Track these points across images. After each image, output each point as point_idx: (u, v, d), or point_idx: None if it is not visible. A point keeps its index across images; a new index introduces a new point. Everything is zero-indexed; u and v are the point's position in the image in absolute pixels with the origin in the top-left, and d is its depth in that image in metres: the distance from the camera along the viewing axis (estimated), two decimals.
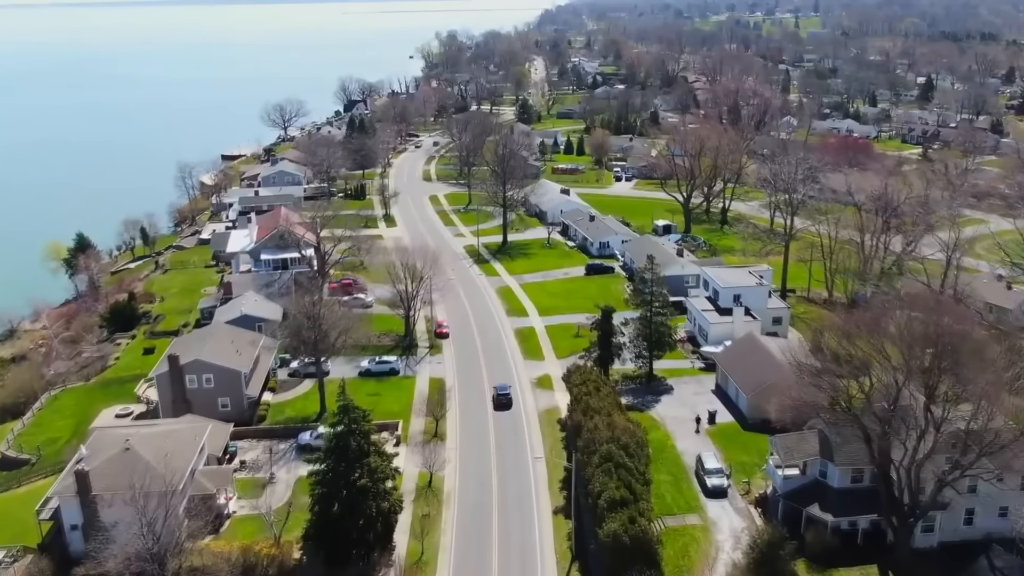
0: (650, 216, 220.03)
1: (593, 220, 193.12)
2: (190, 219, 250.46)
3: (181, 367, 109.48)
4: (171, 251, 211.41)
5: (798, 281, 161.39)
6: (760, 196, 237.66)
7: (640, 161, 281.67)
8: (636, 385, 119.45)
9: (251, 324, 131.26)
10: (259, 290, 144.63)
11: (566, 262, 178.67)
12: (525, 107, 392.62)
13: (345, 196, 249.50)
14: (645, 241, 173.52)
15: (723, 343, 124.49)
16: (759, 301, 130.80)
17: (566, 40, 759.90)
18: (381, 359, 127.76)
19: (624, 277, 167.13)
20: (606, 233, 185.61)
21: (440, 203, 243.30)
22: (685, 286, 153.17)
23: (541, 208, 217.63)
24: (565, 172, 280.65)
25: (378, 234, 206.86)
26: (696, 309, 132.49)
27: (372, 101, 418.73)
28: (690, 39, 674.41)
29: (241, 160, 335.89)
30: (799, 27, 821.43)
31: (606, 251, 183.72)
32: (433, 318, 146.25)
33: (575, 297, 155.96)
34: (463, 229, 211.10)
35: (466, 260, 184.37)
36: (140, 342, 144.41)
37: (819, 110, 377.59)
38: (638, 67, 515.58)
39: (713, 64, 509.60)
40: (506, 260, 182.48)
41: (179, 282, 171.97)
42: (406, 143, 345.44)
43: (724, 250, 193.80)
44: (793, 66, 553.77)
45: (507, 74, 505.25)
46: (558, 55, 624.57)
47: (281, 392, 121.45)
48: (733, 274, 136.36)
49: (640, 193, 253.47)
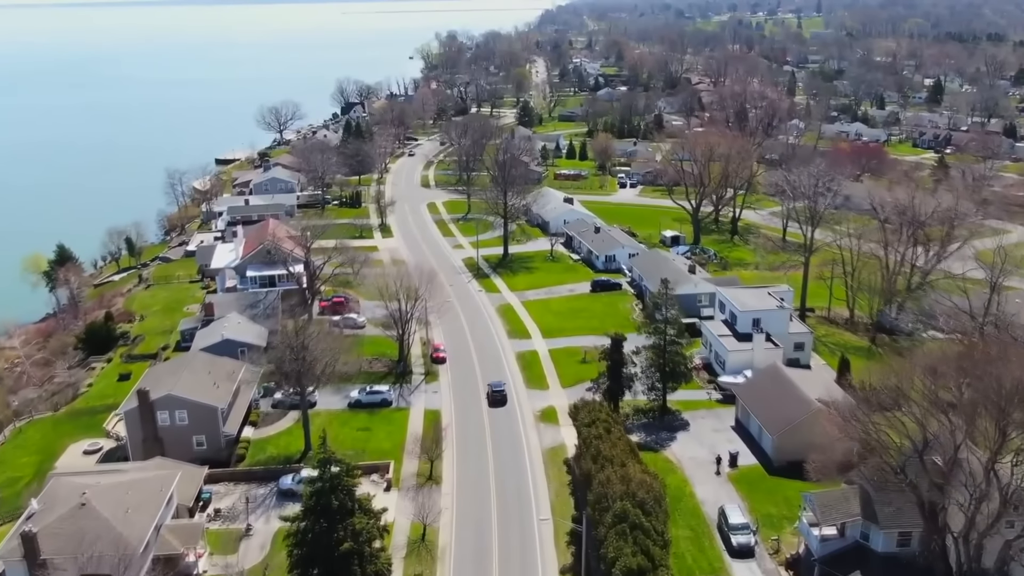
0: (657, 226, 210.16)
1: (598, 232, 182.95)
2: (179, 228, 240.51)
3: (151, 403, 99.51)
4: (157, 262, 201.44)
5: (817, 299, 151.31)
6: (770, 204, 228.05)
7: (645, 167, 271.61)
8: (649, 420, 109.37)
9: (233, 349, 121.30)
10: (243, 311, 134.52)
11: (570, 277, 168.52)
12: (526, 110, 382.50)
13: (340, 204, 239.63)
14: (654, 256, 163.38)
15: (742, 373, 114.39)
16: (780, 325, 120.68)
17: (567, 41, 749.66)
18: (372, 389, 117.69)
19: (632, 295, 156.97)
20: (612, 246, 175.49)
21: (438, 211, 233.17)
22: (698, 305, 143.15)
23: (543, 218, 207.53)
24: (567, 178, 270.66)
25: (373, 245, 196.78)
26: (712, 334, 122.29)
27: (370, 103, 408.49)
28: (692, 40, 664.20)
29: (235, 165, 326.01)
30: (802, 27, 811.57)
31: (612, 265, 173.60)
32: (429, 340, 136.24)
33: (581, 317, 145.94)
34: (462, 240, 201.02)
35: (465, 274, 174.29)
36: (116, 366, 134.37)
37: (826, 113, 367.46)
38: (640, 68, 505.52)
39: (717, 65, 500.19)
40: (507, 275, 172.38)
41: (161, 299, 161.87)
42: (404, 147, 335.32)
43: (735, 263, 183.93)
44: (797, 67, 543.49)
45: (507, 75, 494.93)
46: (559, 56, 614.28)
47: (263, 426, 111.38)
48: (751, 296, 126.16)
49: (646, 200, 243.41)
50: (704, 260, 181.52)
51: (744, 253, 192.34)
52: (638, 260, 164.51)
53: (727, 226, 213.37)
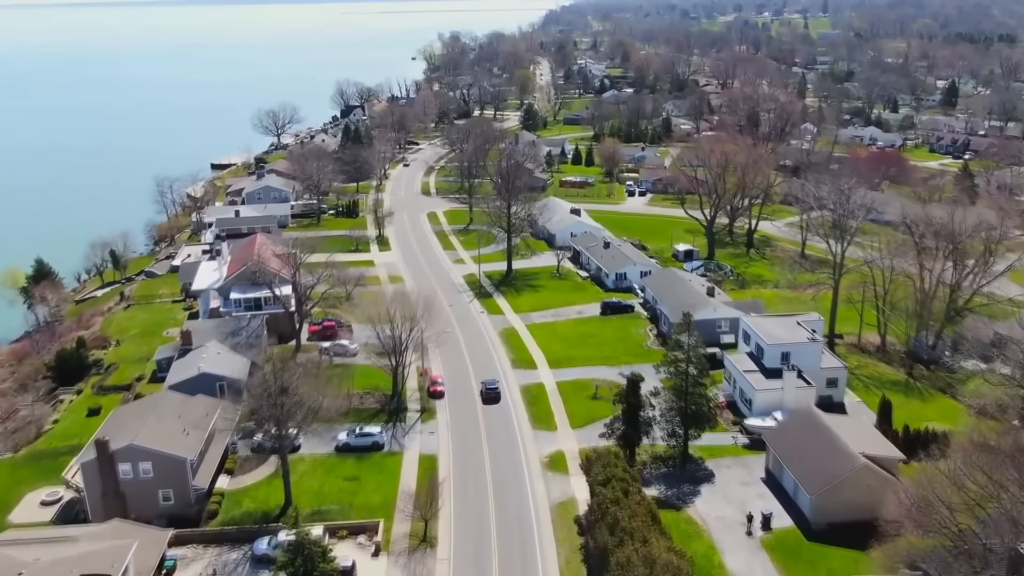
0: (668, 238, 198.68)
1: (608, 247, 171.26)
2: (169, 238, 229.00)
3: (112, 454, 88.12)
4: (142, 277, 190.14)
5: (845, 323, 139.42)
6: (787, 214, 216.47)
7: (655, 174, 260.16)
8: (669, 468, 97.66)
9: (210, 385, 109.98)
10: (224, 339, 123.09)
11: (578, 297, 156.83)
12: (530, 113, 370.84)
13: (336, 214, 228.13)
14: (668, 275, 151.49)
15: (772, 415, 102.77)
16: (811, 360, 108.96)
17: (571, 41, 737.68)
18: (362, 431, 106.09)
19: (645, 318, 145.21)
20: (623, 263, 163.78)
21: (439, 221, 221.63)
22: (718, 332, 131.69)
23: (549, 230, 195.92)
24: (573, 185, 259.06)
25: (369, 259, 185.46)
26: (736, 369, 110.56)
27: (370, 106, 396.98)
28: (699, 40, 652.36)
29: (231, 170, 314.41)
30: (808, 28, 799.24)
31: (623, 283, 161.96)
32: (427, 371, 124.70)
33: (590, 344, 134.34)
34: (463, 254, 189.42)
35: (466, 293, 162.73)
36: (86, 399, 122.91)
37: (839, 116, 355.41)
38: (647, 70, 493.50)
39: (725, 67, 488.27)
40: (511, 294, 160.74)
41: (140, 321, 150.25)
42: (405, 151, 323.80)
43: (753, 280, 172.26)
44: (806, 68, 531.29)
45: (511, 77, 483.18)
46: (564, 57, 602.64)
47: (241, 474, 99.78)
48: (779, 326, 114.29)
49: (656, 210, 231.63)
50: (720, 277, 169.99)
51: (762, 269, 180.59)
52: (651, 279, 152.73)
53: (742, 239, 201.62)
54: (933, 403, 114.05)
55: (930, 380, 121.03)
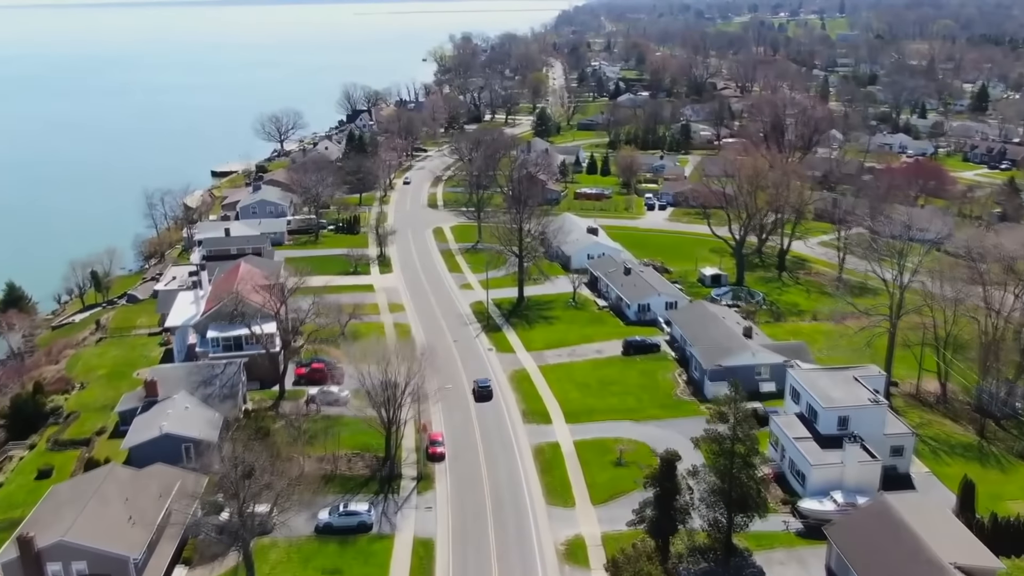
0: (693, 259, 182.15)
1: (629, 274, 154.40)
2: (158, 255, 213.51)
3: (38, 553, 72.37)
4: (124, 301, 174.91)
5: (899, 367, 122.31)
6: (818, 231, 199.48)
7: (675, 186, 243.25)
8: (709, 563, 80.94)
9: (174, 448, 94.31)
10: (194, 388, 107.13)
11: (597, 332, 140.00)
12: (543, 118, 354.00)
13: (337, 229, 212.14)
14: (698, 310, 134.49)
15: (830, 495, 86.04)
16: (874, 425, 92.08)
17: (585, 43, 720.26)
18: (347, 509, 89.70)
19: (673, 359, 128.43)
20: (646, 292, 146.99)
21: (446, 238, 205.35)
22: (756, 379, 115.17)
23: (564, 251, 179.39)
24: (589, 197, 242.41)
25: (368, 284, 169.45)
26: (786, 435, 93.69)
27: (377, 111, 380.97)
28: (715, 42, 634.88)
29: (230, 179, 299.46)
30: (826, 29, 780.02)
31: (646, 316, 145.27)
32: (426, 426, 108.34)
33: (612, 392, 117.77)
34: (471, 277, 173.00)
35: (473, 325, 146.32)
36: (38, 456, 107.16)
37: (866, 122, 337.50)
38: (663, 72, 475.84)
39: (744, 69, 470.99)
40: (522, 327, 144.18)
41: (111, 359, 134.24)
42: (412, 158, 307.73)
43: (788, 309, 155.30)
44: (826, 71, 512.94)
45: (523, 80, 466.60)
46: (577, 59, 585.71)
47: (200, 565, 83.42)
48: (834, 383, 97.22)
49: (678, 226, 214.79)
50: (752, 307, 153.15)
51: (797, 296, 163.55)
52: (679, 314, 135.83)
53: (772, 259, 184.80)
54: (1014, 473, 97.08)
55: (1006, 443, 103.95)
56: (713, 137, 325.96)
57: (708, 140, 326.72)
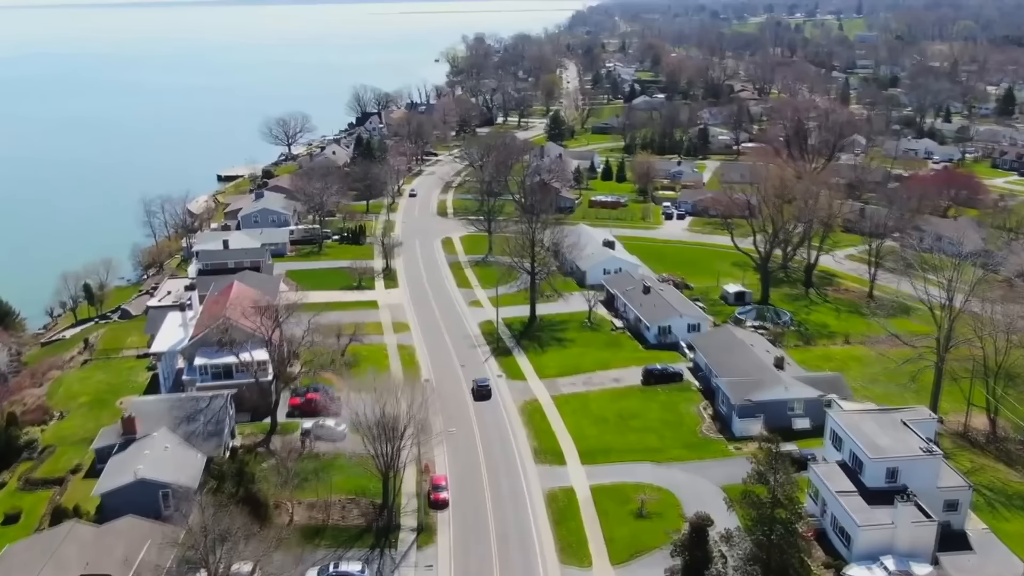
0: (714, 274, 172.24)
1: (648, 292, 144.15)
2: (157, 265, 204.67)
3: None
4: (117, 315, 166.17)
5: (945, 401, 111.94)
6: (846, 243, 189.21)
7: (694, 194, 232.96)
8: None
9: (150, 495, 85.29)
10: (177, 424, 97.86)
11: (614, 358, 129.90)
12: (556, 121, 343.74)
13: (341, 240, 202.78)
14: (724, 336, 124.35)
15: (881, 562, 75.91)
16: (927, 478, 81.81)
17: (599, 44, 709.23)
18: (338, 568, 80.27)
19: (697, 389, 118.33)
20: (666, 314, 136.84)
21: (455, 250, 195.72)
22: (789, 415, 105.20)
23: (579, 266, 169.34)
24: (604, 205, 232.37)
25: (372, 300, 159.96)
26: (827, 488, 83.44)
27: (388, 113, 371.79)
28: (731, 43, 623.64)
29: (236, 183, 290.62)
30: (843, 30, 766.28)
31: (667, 338, 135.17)
32: (428, 468, 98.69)
33: (632, 427, 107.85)
34: (480, 293, 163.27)
35: (482, 347, 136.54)
36: (7, 497, 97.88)
37: (889, 127, 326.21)
38: (679, 74, 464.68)
39: (761, 71, 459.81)
40: (534, 350, 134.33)
41: (95, 384, 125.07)
42: (422, 163, 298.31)
43: (816, 330, 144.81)
44: (846, 73, 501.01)
45: (537, 82, 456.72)
46: (591, 60, 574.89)
47: None
48: (881, 428, 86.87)
49: (697, 237, 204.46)
50: (779, 328, 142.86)
51: (826, 315, 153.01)
52: (704, 340, 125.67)
53: (798, 274, 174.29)
54: None
55: None
56: (732, 142, 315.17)
57: (727, 145, 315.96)
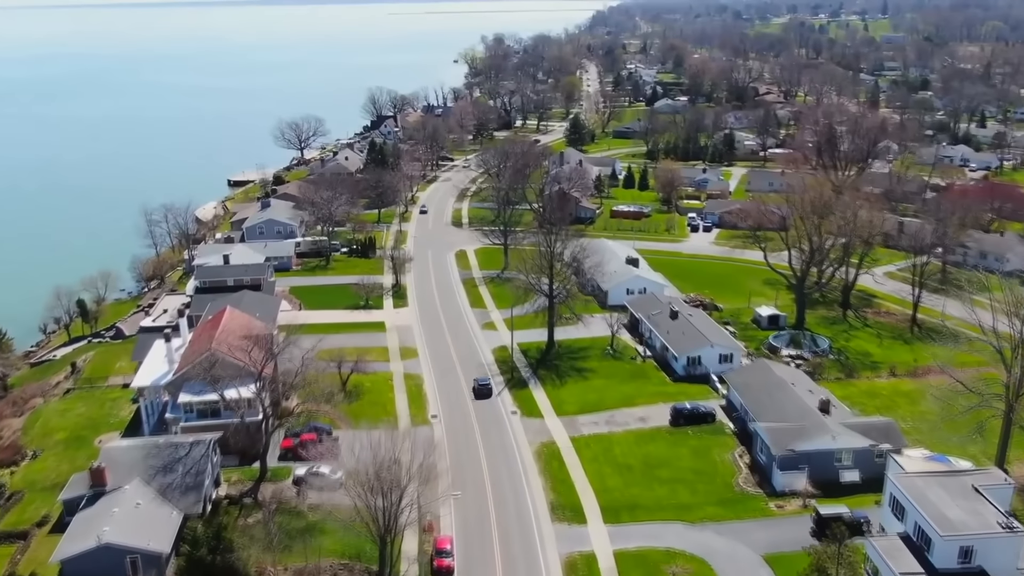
0: (745, 293, 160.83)
1: (676, 318, 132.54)
2: (158, 278, 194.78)
3: None
4: (111, 334, 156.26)
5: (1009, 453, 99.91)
6: (886, 260, 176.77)
7: (721, 205, 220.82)
8: None
9: (116, 563, 75.41)
10: (152, 475, 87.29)
11: (640, 392, 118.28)
12: (577, 125, 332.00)
13: (350, 252, 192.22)
14: (761, 372, 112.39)
15: None
16: (1006, 559, 70.10)
17: (620, 45, 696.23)
18: None
19: (731, 432, 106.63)
20: (696, 343, 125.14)
21: (469, 264, 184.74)
22: (836, 467, 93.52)
23: (600, 285, 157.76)
24: (626, 216, 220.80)
25: (379, 321, 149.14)
26: (890, 570, 71.48)
27: (403, 116, 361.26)
28: (755, 44, 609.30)
29: (245, 189, 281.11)
30: (868, 30, 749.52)
31: (696, 370, 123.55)
32: (431, 528, 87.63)
33: (660, 476, 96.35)
34: (495, 315, 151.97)
35: (495, 377, 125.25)
36: None
37: (922, 133, 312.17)
38: (702, 76, 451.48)
39: (787, 73, 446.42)
40: (551, 381, 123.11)
41: (74, 418, 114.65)
42: (437, 168, 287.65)
43: (859, 360, 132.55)
44: (872, 75, 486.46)
45: (556, 84, 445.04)
46: (612, 61, 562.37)
47: None
48: (950, 495, 74.80)
49: (724, 252, 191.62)
50: (818, 359, 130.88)
51: (867, 342, 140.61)
52: (738, 377, 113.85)
53: (834, 294, 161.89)
54: None
55: None
56: (759, 147, 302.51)
57: (753, 151, 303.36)
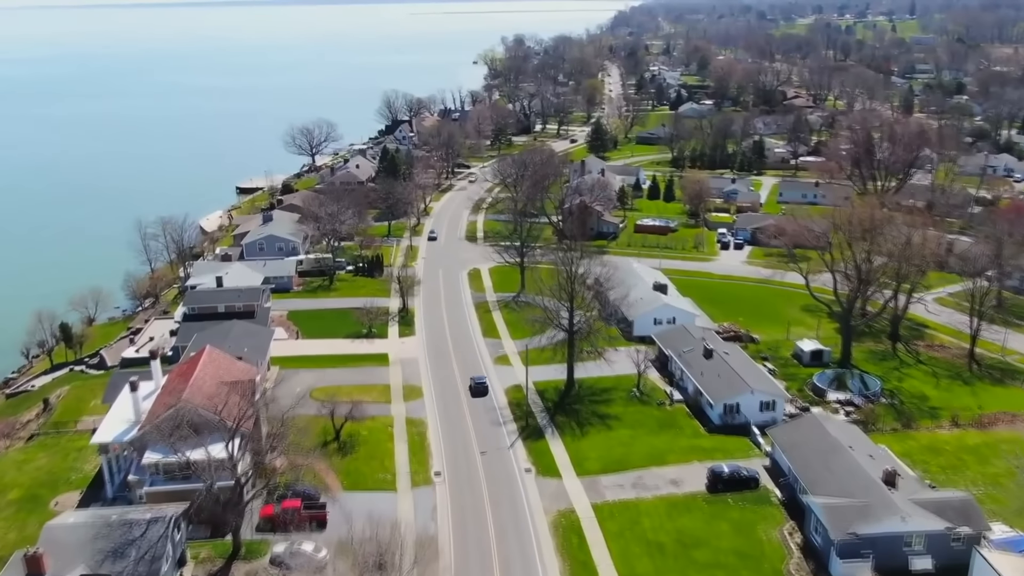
0: (782, 320, 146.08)
1: (710, 357, 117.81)
2: (153, 297, 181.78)
3: None
4: (96, 360, 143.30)
5: None
6: (936, 284, 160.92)
7: (753, 220, 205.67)
8: None
9: None
10: (100, 561, 73.64)
11: (671, 447, 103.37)
12: (599, 131, 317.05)
13: (356, 270, 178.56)
14: (812, 430, 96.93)
15: None
16: None
17: (643, 46, 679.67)
18: None
19: (778, 503, 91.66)
20: (734, 387, 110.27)
21: (483, 286, 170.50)
22: (905, 552, 78.74)
23: (624, 314, 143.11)
24: (652, 230, 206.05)
25: (383, 353, 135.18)
26: None
27: (419, 121, 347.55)
28: (781, 45, 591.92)
29: (253, 197, 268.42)
30: (896, 31, 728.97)
31: (735, 419, 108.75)
32: None
33: (697, 559, 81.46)
34: (510, 346, 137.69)
35: (508, 424, 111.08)
36: None
37: (960, 140, 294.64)
38: (727, 79, 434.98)
39: (816, 76, 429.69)
40: (571, 432, 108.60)
41: (32, 471, 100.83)
42: (452, 176, 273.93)
43: (914, 404, 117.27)
44: (904, 78, 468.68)
45: (578, 86, 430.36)
46: (635, 63, 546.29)
47: None
48: None
49: (758, 272, 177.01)
50: (870, 404, 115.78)
51: (923, 382, 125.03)
52: (785, 434, 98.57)
53: (881, 325, 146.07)
54: None
55: None
56: (789, 155, 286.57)
57: (783, 159, 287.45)
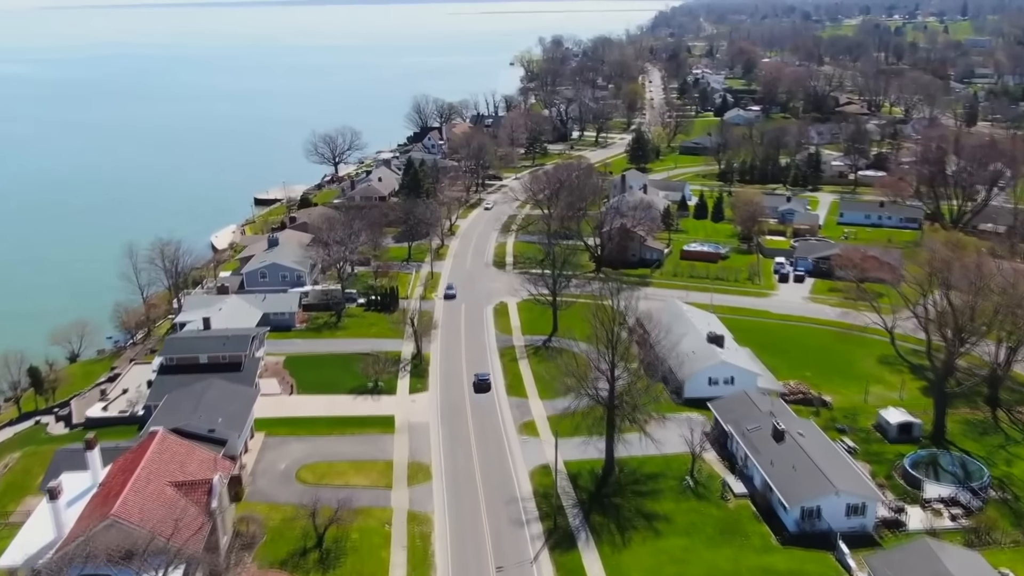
0: (857, 376, 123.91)
1: (782, 440, 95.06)
2: (146, 328, 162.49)
3: None
4: (66, 411, 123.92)
5: None
6: None
7: (814, 248, 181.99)
8: None
9: None
10: None
11: (736, 567, 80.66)
12: (640, 141, 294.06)
13: (368, 304, 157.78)
14: (922, 558, 74.18)
15: None
16: None
17: (685, 48, 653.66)
18: None
19: None
20: (815, 487, 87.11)
21: (510, 325, 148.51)
22: None
23: (674, 372, 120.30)
24: (699, 257, 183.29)
25: (388, 415, 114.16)
26: None
27: (449, 128, 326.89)
28: (829, 48, 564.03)
29: (269, 211, 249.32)
30: (948, 33, 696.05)
31: (815, 526, 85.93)
32: None
33: None
34: (538, 409, 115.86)
35: (532, 522, 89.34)
36: None
37: None
38: (775, 83, 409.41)
39: (870, 81, 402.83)
40: (609, 539, 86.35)
41: None
42: (482, 190, 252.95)
43: None
44: (962, 83, 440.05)
45: (617, 91, 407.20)
46: (677, 66, 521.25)
47: None
48: None
49: (823, 311, 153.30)
50: (980, 502, 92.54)
51: None
52: (891, 568, 75.44)
53: (976, 384, 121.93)
54: None
55: None
56: (848, 169, 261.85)
57: (840, 172, 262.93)
